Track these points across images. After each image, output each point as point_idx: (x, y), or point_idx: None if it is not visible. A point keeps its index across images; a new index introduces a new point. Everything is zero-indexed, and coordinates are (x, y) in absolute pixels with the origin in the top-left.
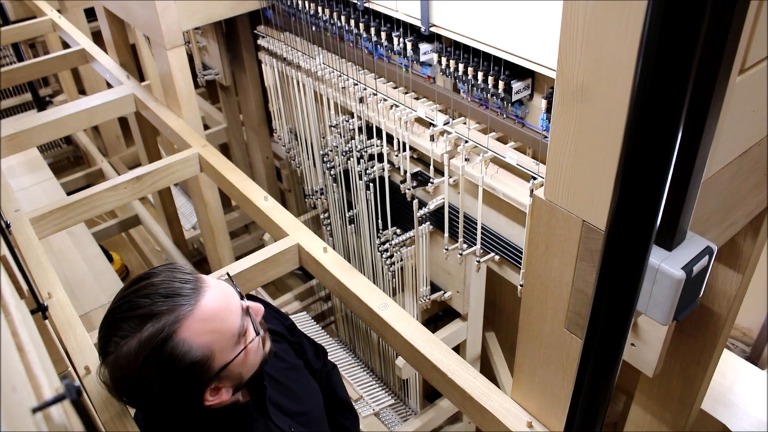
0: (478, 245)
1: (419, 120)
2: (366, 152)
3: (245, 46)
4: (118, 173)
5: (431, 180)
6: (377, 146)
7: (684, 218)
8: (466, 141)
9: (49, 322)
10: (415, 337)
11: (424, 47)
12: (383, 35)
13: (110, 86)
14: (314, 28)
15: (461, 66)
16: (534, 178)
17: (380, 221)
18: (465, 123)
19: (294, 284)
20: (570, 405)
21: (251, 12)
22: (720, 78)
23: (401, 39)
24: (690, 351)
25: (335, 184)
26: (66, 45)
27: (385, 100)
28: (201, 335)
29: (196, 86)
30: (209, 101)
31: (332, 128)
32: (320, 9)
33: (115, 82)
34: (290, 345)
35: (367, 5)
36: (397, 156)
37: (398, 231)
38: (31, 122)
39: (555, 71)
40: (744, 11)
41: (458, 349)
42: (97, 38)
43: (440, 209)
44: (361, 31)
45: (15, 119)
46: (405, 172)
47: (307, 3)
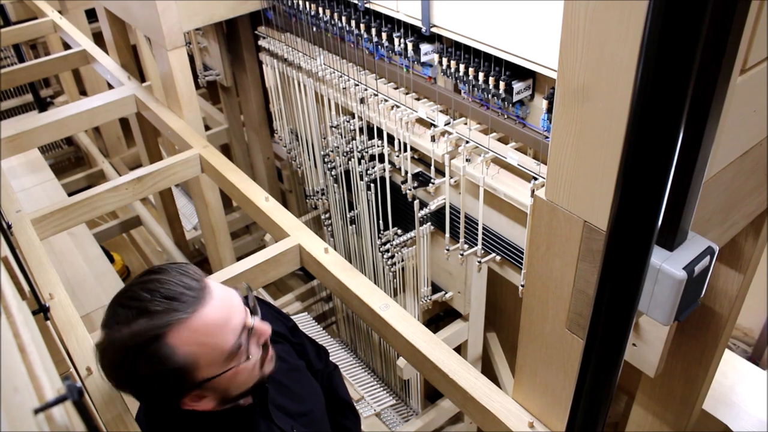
0: (479, 246)
1: (420, 120)
2: (367, 153)
3: (246, 47)
4: (119, 174)
5: (432, 180)
6: (378, 147)
7: (685, 218)
8: (467, 141)
9: (51, 323)
10: (417, 338)
11: (425, 48)
12: (384, 36)
13: (111, 87)
14: (315, 29)
15: (462, 66)
16: (535, 179)
17: (381, 222)
18: (466, 123)
19: (295, 285)
20: (571, 405)
21: (252, 13)
22: (721, 78)
23: (402, 39)
24: (691, 351)
25: (336, 185)
26: (67, 46)
27: (386, 101)
28: (189, 344)
29: (197, 87)
30: (210, 102)
31: (333, 129)
32: (321, 10)
33: (116, 83)
34: (292, 346)
35: (368, 6)
36: (398, 156)
37: (399, 231)
38: (32, 123)
39: (556, 71)
40: (745, 12)
41: (459, 350)
42: (98, 39)
43: (441, 210)
44: (362, 32)
45: (16, 120)
46: (406, 173)
47: (308, 4)
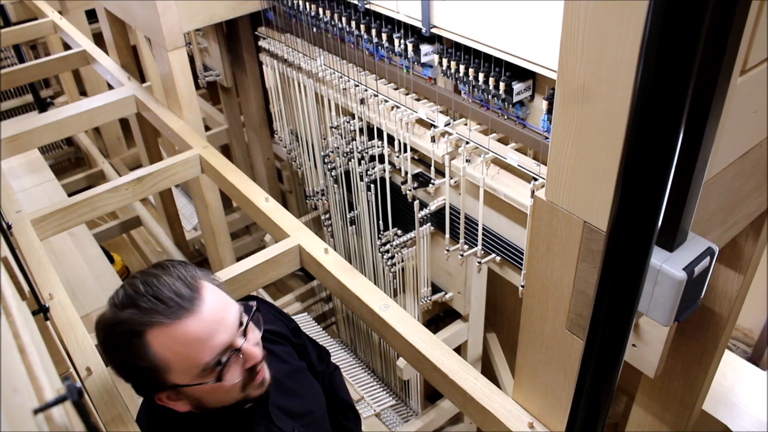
0: (479, 246)
1: (420, 121)
2: (367, 153)
3: (246, 48)
4: (119, 174)
5: (432, 181)
6: (378, 147)
7: (685, 219)
8: (467, 142)
9: (51, 323)
10: (416, 338)
11: (425, 48)
12: (384, 36)
13: (111, 87)
14: (315, 30)
15: (462, 67)
16: (535, 179)
17: (381, 222)
18: (466, 124)
19: (295, 285)
20: (571, 406)
21: (252, 13)
22: (721, 79)
23: (402, 40)
24: (691, 352)
25: (336, 185)
26: (67, 46)
27: (386, 102)
28: (164, 348)
29: (197, 87)
30: (210, 102)
31: (333, 129)
32: (321, 10)
33: (116, 84)
34: (294, 347)
35: (368, 6)
36: (398, 157)
37: (399, 232)
38: (32, 123)
39: (556, 72)
40: (745, 12)
41: (459, 350)
42: (98, 40)
43: (441, 210)
44: (362, 33)
45: (16, 120)
46: (406, 173)
47: (308, 4)
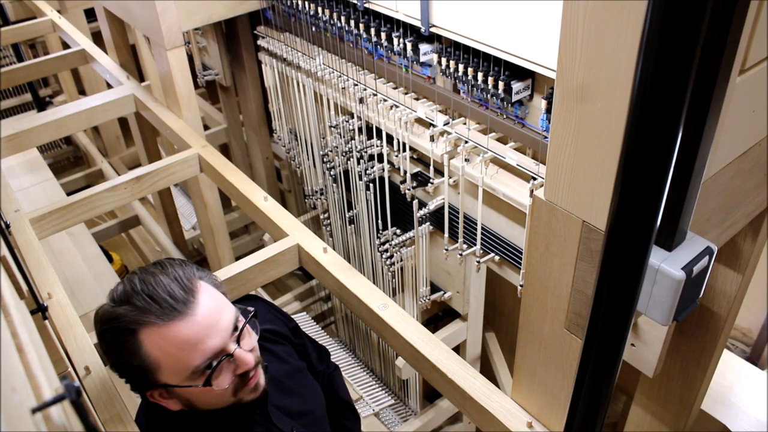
0: (478, 245)
1: (419, 120)
2: (366, 153)
3: (245, 47)
4: (118, 173)
5: (431, 180)
6: (377, 147)
7: (684, 218)
8: (466, 141)
9: (49, 323)
10: (415, 338)
11: (424, 48)
12: (383, 36)
13: (110, 87)
14: (314, 29)
15: (461, 66)
16: (534, 179)
17: (380, 221)
18: (465, 123)
19: (294, 285)
20: (570, 405)
21: (251, 12)
22: (720, 78)
23: (401, 39)
24: (690, 351)
25: (335, 185)
26: (66, 45)
27: (385, 101)
28: (156, 348)
29: (196, 87)
30: (209, 102)
31: (332, 128)
32: (320, 9)
33: (115, 83)
34: (294, 347)
35: (367, 6)
36: (397, 156)
37: (398, 231)
38: (31, 122)
39: (555, 71)
40: (744, 11)
41: (458, 350)
42: (97, 39)
43: (440, 209)
44: (361, 32)
45: (15, 119)
46: (405, 173)
47: (307, 3)
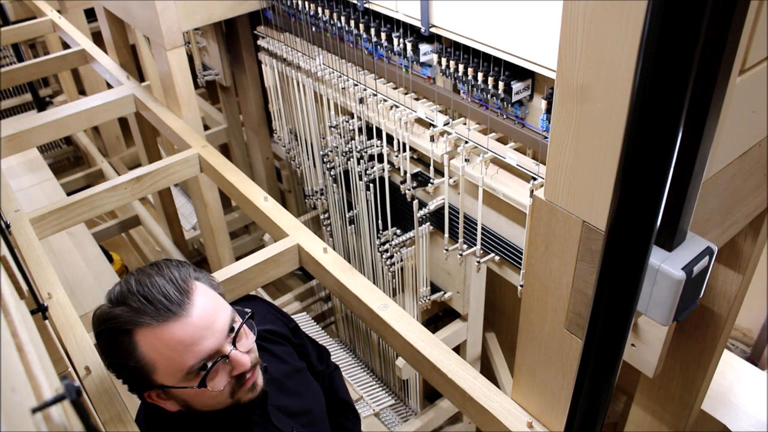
0: (478, 246)
1: (419, 120)
2: (366, 153)
3: (245, 47)
4: (118, 173)
5: (431, 180)
6: (377, 147)
7: (684, 219)
8: (466, 141)
9: (49, 323)
10: (415, 338)
11: (424, 48)
12: (383, 36)
13: (110, 87)
14: (314, 29)
15: (461, 66)
16: (534, 179)
17: (380, 222)
18: (465, 123)
19: (294, 285)
20: (570, 405)
21: (251, 12)
22: (720, 78)
23: (401, 39)
24: (690, 351)
25: (335, 185)
26: (66, 45)
27: (385, 101)
28: (151, 349)
29: (196, 87)
30: (209, 102)
31: (332, 129)
32: (320, 10)
33: (115, 83)
34: (294, 347)
35: (367, 6)
36: (397, 156)
37: (398, 231)
38: (31, 122)
39: (555, 72)
40: (744, 12)
41: (458, 350)
42: (97, 39)
43: (440, 210)
44: (361, 32)
45: (15, 119)
46: (405, 173)
47: (307, 3)
